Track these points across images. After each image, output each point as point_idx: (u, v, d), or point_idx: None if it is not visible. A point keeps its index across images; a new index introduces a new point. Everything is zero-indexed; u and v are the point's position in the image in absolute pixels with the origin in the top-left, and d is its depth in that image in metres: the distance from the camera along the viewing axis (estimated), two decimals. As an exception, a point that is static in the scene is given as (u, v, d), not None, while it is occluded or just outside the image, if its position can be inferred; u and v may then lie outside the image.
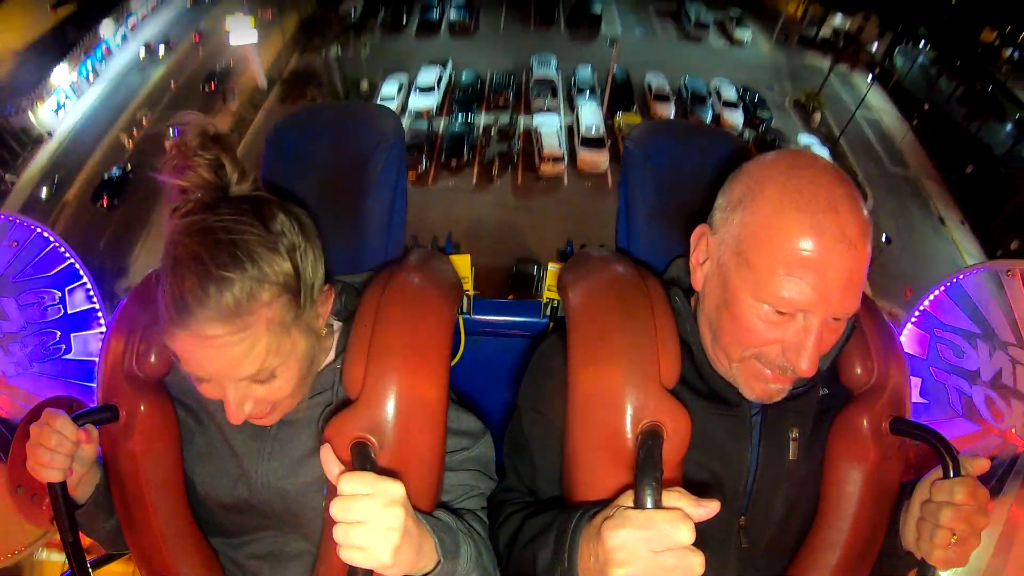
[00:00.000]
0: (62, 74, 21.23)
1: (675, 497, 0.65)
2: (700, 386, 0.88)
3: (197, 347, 0.71)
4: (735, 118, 19.21)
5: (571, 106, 20.30)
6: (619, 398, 0.79)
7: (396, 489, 0.68)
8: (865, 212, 0.74)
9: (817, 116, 20.93)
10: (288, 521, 0.91)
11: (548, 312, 1.40)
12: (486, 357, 1.44)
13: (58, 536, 0.87)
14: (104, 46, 23.90)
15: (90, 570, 0.90)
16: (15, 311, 1.40)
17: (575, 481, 0.84)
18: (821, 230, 0.71)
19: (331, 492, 0.79)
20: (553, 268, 1.38)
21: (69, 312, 1.45)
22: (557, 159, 17.38)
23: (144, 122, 20.01)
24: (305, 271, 0.78)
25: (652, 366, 0.80)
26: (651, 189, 1.10)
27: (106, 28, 24.17)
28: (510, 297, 12.85)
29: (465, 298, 1.35)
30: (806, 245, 0.72)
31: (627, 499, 0.67)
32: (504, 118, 19.77)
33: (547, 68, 21.87)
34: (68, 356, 1.46)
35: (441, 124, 19.23)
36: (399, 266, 0.93)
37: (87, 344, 1.47)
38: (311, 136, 1.11)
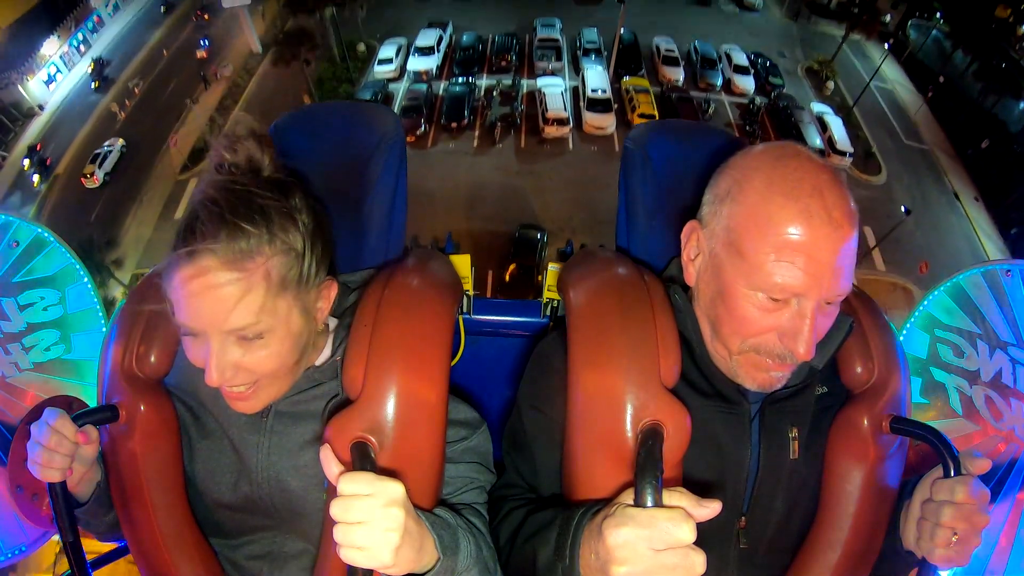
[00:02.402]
0: (52, 46, 21.03)
1: (676, 496, 0.65)
2: (701, 383, 0.88)
3: (195, 285, 0.73)
4: (746, 84, 18.79)
5: (576, 69, 19.78)
6: (619, 397, 0.79)
7: (396, 489, 0.68)
8: (850, 196, 0.76)
9: (830, 84, 20.60)
10: (287, 519, 0.91)
11: (548, 312, 1.40)
12: (486, 357, 1.44)
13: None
14: (95, 16, 23.58)
15: (90, 570, 0.90)
16: (15, 311, 1.40)
17: (575, 480, 0.84)
18: (809, 214, 0.73)
19: (331, 492, 0.79)
20: (553, 268, 1.38)
21: (69, 312, 1.45)
22: (562, 121, 16.95)
23: (136, 91, 19.90)
24: (311, 251, 0.80)
25: (652, 365, 0.80)
26: (651, 189, 1.10)
27: None
28: (512, 267, 12.47)
29: (465, 298, 1.35)
30: (795, 229, 0.73)
31: (628, 497, 0.67)
32: (507, 80, 19.23)
33: (551, 30, 21.28)
34: (68, 356, 1.46)
35: (441, 87, 18.74)
36: (399, 266, 0.93)
37: (87, 344, 1.47)
38: (311, 136, 1.11)
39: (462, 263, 1.34)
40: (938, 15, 23.97)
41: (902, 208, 14.47)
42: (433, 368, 0.82)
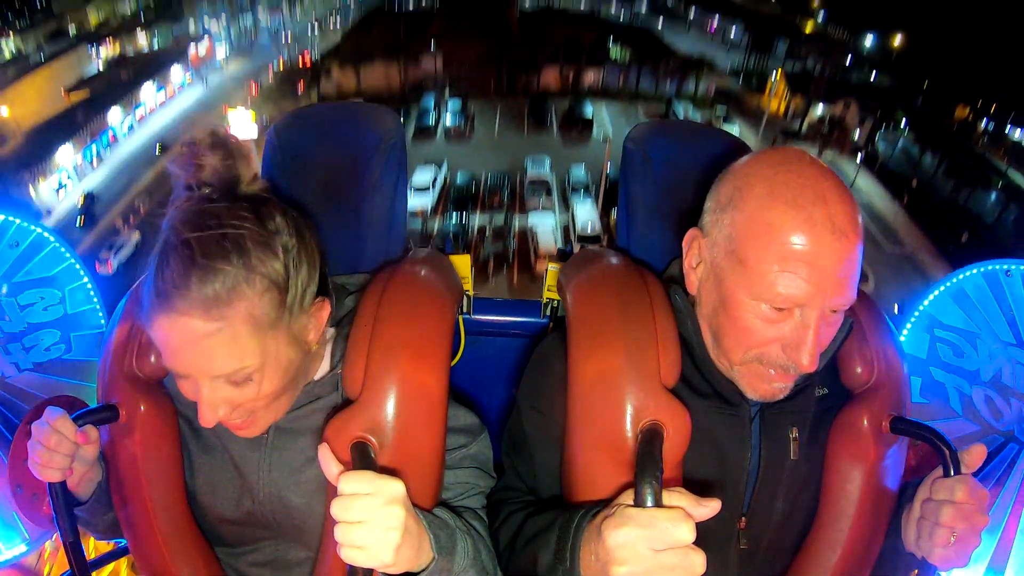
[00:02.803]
0: (66, 154, 21.83)
1: (676, 496, 0.65)
2: (701, 384, 0.88)
3: (175, 337, 0.70)
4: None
5: (566, 205, 20.70)
6: (619, 397, 0.79)
7: (396, 488, 0.68)
8: (854, 202, 0.75)
9: None
10: (291, 532, 0.90)
11: (548, 312, 1.40)
12: (486, 357, 1.44)
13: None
14: (111, 133, 24.58)
15: (90, 570, 0.90)
16: (15, 311, 1.40)
17: (575, 480, 0.84)
18: (812, 222, 0.72)
19: (330, 491, 0.79)
20: (553, 268, 1.38)
21: (69, 312, 1.45)
22: (553, 257, 17.30)
23: (142, 210, 20.55)
24: (296, 276, 0.76)
25: (652, 365, 0.80)
26: (651, 189, 1.10)
27: (114, 116, 25.03)
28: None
29: (465, 298, 1.35)
30: (798, 239, 0.72)
31: (628, 498, 0.67)
32: (499, 218, 20.15)
33: (541, 168, 22.45)
34: (68, 356, 1.46)
35: (436, 224, 19.65)
36: (399, 266, 0.93)
37: (87, 344, 1.47)
38: (311, 136, 1.11)
39: (462, 263, 1.34)
40: (903, 125, 25.66)
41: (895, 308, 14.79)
42: (433, 368, 0.82)
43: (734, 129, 26.75)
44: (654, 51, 32.93)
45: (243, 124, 19.70)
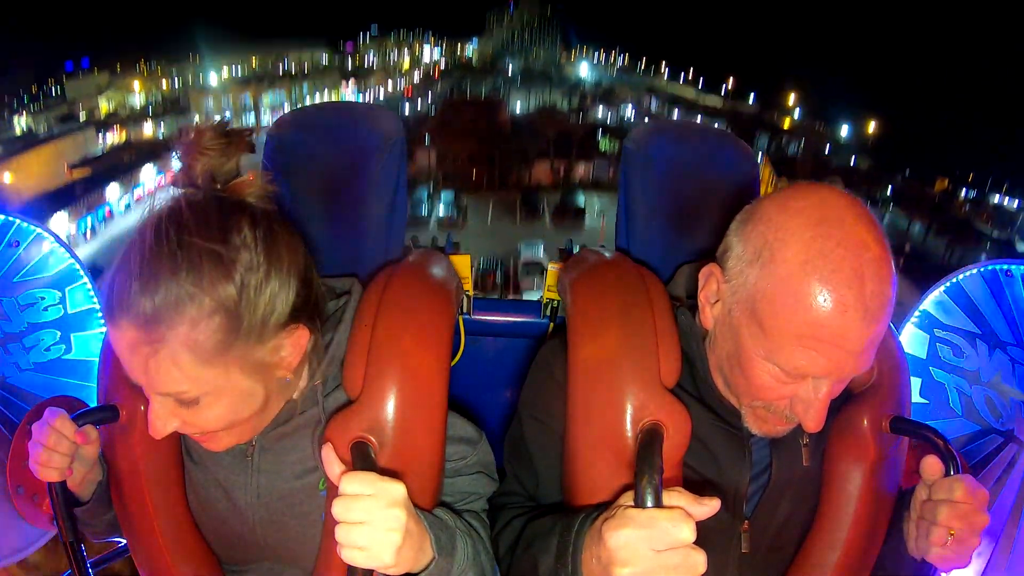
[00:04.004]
0: (60, 223, 22.01)
1: (676, 496, 0.65)
2: (699, 396, 0.88)
3: (118, 346, 0.68)
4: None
5: None
6: (619, 397, 0.79)
7: (397, 489, 0.68)
8: (893, 278, 0.70)
9: None
10: (285, 553, 0.89)
11: (548, 312, 1.40)
12: (486, 357, 1.44)
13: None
14: (107, 208, 24.89)
15: (90, 570, 0.90)
16: (15, 311, 1.40)
17: (575, 482, 0.84)
18: (844, 306, 0.67)
19: (331, 491, 0.79)
20: (553, 268, 1.38)
21: (69, 312, 1.45)
22: None
23: None
24: (256, 299, 0.69)
25: (652, 365, 0.80)
26: (651, 189, 1.10)
27: (112, 192, 25.44)
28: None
29: (465, 298, 1.35)
30: (826, 321, 0.68)
31: (628, 499, 0.67)
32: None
33: (535, 250, 22.36)
34: (68, 356, 1.46)
35: None
36: (399, 266, 0.92)
37: (87, 344, 1.47)
38: (311, 136, 1.11)
39: (462, 263, 1.34)
40: (889, 198, 27.30)
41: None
42: (433, 368, 0.82)
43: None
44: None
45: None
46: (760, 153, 32.53)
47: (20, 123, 25.07)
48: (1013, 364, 1.36)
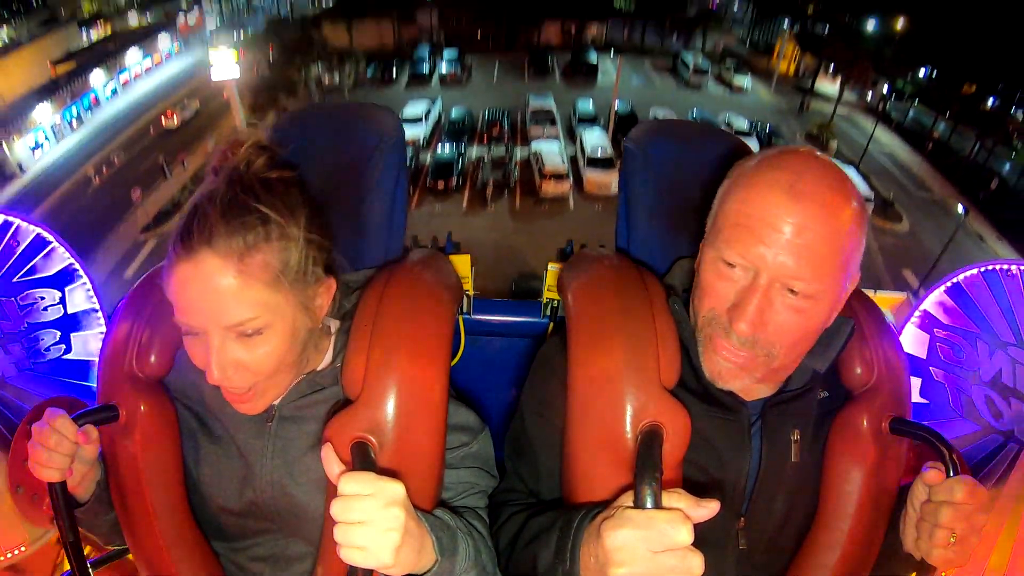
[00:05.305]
0: (44, 112, 21.29)
1: (675, 497, 0.65)
2: (699, 390, 0.88)
3: (193, 283, 0.73)
4: (751, 146, 19.47)
5: (572, 137, 19.60)
6: (619, 398, 0.79)
7: (397, 489, 0.69)
8: (841, 188, 0.74)
9: (833, 145, 21.37)
10: (290, 523, 0.91)
11: (548, 312, 1.41)
12: (486, 357, 1.44)
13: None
14: (92, 95, 23.96)
15: (90, 570, 0.90)
16: (15, 311, 1.40)
17: (575, 482, 0.84)
18: (772, 183, 0.74)
19: (331, 491, 0.79)
20: (553, 268, 1.38)
21: (69, 312, 1.45)
22: (560, 177, 16.16)
23: (116, 161, 20.26)
24: (309, 249, 0.81)
25: (652, 366, 0.80)
26: (651, 189, 1.10)
27: (96, 78, 24.37)
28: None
29: (465, 298, 1.35)
30: (756, 198, 0.74)
31: (627, 499, 0.67)
32: (499, 150, 18.88)
33: (545, 100, 21.53)
34: (68, 356, 1.46)
35: (428, 155, 18.38)
36: (399, 266, 0.93)
37: (87, 344, 1.47)
38: (311, 136, 1.11)
39: (462, 263, 1.34)
40: (915, 99, 25.91)
41: (959, 208, 15.20)
42: (433, 368, 0.82)
43: (746, 80, 25.98)
44: (660, 2, 31.90)
45: (225, 66, 18.79)
46: (784, 31, 30.79)
47: (2, 35, 23.86)
48: (1013, 364, 1.36)
